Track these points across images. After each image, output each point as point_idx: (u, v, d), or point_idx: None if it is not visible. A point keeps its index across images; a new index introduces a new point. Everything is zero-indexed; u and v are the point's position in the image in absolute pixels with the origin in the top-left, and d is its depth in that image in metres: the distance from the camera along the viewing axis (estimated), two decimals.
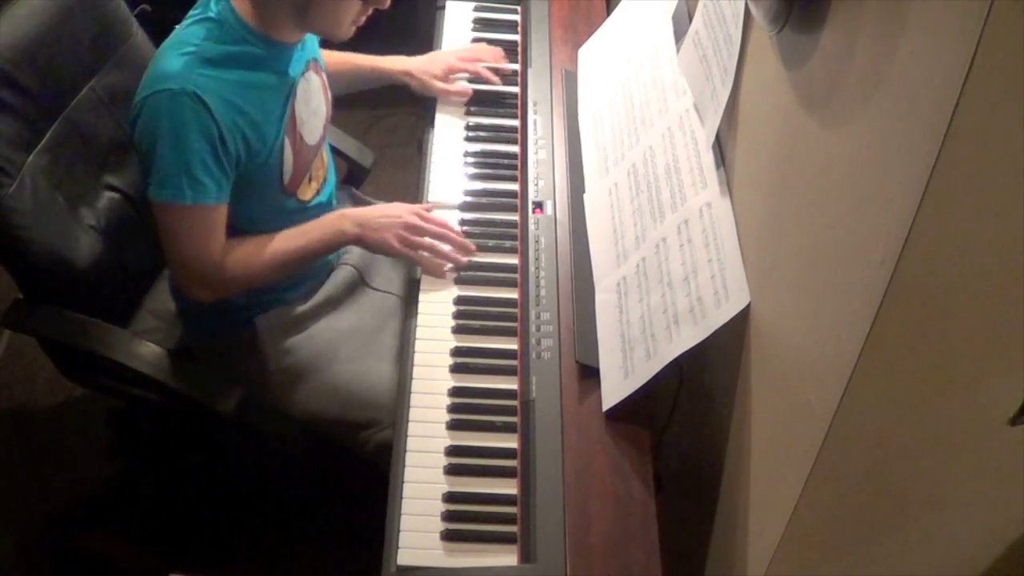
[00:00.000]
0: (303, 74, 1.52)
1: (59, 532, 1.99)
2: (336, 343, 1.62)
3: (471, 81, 1.81)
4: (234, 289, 1.51)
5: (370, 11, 1.44)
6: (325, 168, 1.66)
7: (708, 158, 1.32)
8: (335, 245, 1.54)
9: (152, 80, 1.37)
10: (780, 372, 1.08)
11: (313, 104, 1.56)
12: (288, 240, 1.50)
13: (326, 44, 1.60)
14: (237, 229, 1.47)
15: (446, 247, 1.51)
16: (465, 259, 1.52)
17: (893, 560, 1.06)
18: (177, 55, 1.36)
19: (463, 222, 1.57)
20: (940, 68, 0.70)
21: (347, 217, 1.51)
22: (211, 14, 1.39)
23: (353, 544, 1.82)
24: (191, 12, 1.43)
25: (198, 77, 1.35)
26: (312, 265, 1.62)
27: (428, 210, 1.56)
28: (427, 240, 1.50)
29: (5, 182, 1.48)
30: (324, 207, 1.63)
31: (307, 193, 1.59)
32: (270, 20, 1.41)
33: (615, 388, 1.30)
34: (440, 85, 1.77)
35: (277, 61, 1.46)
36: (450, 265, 1.51)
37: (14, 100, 1.51)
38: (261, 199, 1.50)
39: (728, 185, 1.28)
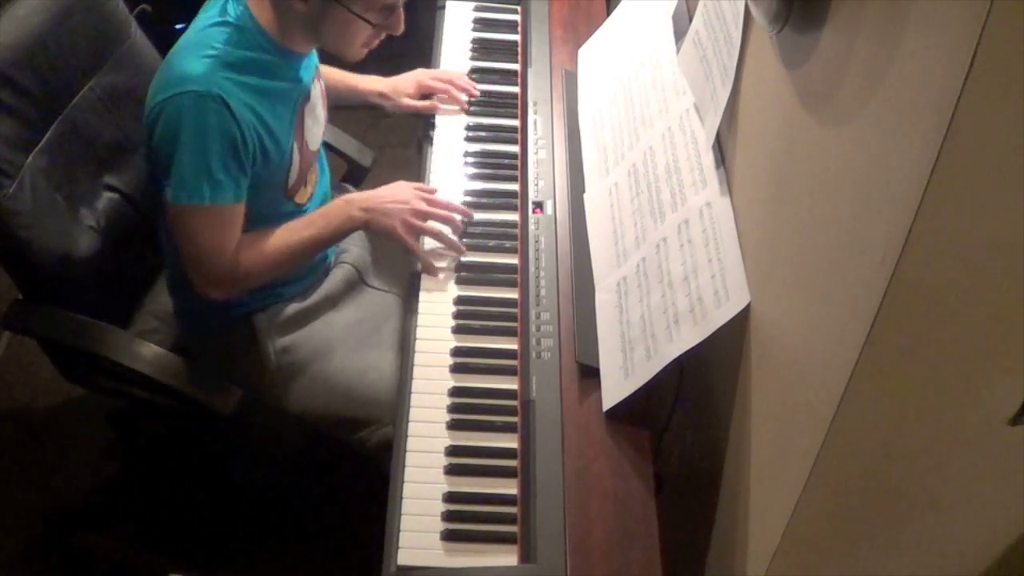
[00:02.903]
0: (312, 82, 1.53)
1: (59, 532, 1.99)
2: (335, 340, 1.62)
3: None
4: (247, 285, 1.52)
5: (383, 36, 1.46)
6: (318, 172, 1.67)
7: (708, 158, 1.32)
8: (343, 231, 1.54)
9: (174, 82, 1.36)
10: (780, 372, 1.08)
11: (317, 111, 1.58)
12: (295, 231, 1.51)
13: (330, 60, 1.60)
14: None
15: (448, 231, 1.52)
16: (465, 249, 1.52)
17: (893, 560, 1.06)
18: (199, 57, 1.36)
19: (463, 222, 1.57)
20: (940, 68, 0.70)
21: (353, 203, 1.51)
22: (230, 19, 1.40)
23: (353, 544, 1.83)
24: (206, 14, 1.44)
25: (222, 80, 1.35)
26: (313, 260, 1.62)
27: (432, 192, 1.57)
28: (432, 226, 1.51)
29: (5, 183, 1.48)
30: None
31: (303, 197, 1.60)
32: (286, 30, 1.42)
33: (615, 388, 1.30)
34: (408, 101, 1.79)
35: (291, 69, 1.47)
36: (444, 264, 1.52)
37: (13, 101, 1.51)
38: (263, 202, 1.50)
39: (728, 185, 1.28)
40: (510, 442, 1.31)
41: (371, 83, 1.80)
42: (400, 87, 1.79)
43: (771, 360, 1.12)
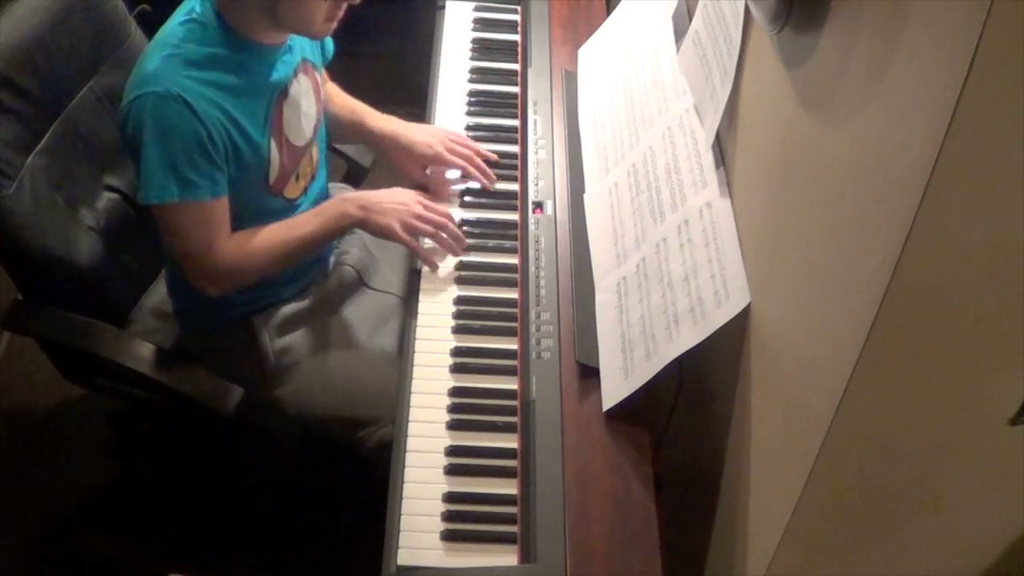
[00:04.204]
0: (293, 76, 1.52)
1: (60, 532, 1.99)
2: (334, 341, 1.62)
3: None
4: (239, 281, 1.51)
5: (343, 7, 1.42)
6: (314, 167, 1.65)
7: (708, 158, 1.32)
8: (339, 229, 1.53)
9: (136, 83, 1.37)
10: (780, 372, 1.08)
11: (303, 106, 1.55)
12: (290, 228, 1.50)
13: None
14: None
15: (445, 236, 1.51)
16: (462, 250, 1.52)
17: (893, 560, 1.06)
18: (159, 57, 1.36)
19: (463, 222, 1.57)
20: (940, 68, 0.70)
21: (350, 200, 1.51)
22: (195, 15, 1.40)
23: (353, 544, 1.83)
24: (176, 11, 1.43)
25: (181, 79, 1.35)
26: (310, 259, 1.62)
27: (428, 199, 1.57)
28: (429, 228, 1.50)
29: (4, 183, 1.48)
30: (313, 205, 1.63)
31: (294, 192, 1.59)
32: (245, 21, 1.40)
33: (615, 388, 1.30)
34: (417, 176, 1.67)
35: (259, 64, 1.45)
36: (447, 257, 1.52)
37: (13, 101, 1.51)
38: (246, 197, 1.49)
39: (728, 185, 1.28)
40: (510, 442, 1.31)
41: (385, 125, 1.67)
42: (413, 151, 1.63)
43: (771, 360, 1.12)
